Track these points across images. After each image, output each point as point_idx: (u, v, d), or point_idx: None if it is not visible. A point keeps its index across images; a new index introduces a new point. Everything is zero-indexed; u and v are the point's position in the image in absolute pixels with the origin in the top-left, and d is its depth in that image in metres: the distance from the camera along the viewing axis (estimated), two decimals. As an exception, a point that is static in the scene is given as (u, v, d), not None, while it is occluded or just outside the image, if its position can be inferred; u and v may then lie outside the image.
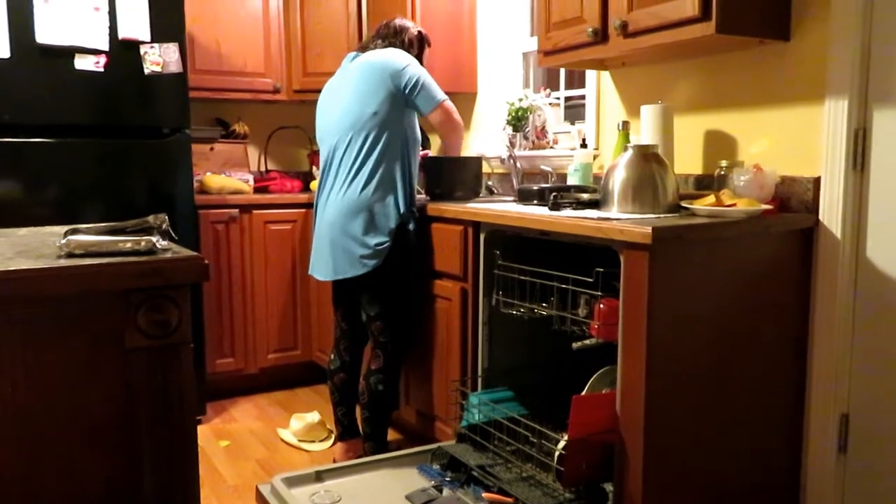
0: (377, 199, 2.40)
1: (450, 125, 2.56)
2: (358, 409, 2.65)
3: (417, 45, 2.64)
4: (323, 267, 2.53)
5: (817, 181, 2.03)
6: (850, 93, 1.94)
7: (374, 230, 2.40)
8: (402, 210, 2.43)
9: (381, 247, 2.40)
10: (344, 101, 2.50)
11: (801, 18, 2.06)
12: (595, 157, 2.75)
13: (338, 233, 2.44)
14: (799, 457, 2.11)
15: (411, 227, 2.50)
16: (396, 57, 2.49)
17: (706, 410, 1.88)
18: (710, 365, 1.88)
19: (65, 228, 1.50)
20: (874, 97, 1.94)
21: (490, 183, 3.30)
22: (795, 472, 2.12)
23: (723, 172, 2.16)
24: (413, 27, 2.64)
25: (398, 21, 2.65)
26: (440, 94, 2.51)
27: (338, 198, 2.45)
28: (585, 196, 2.19)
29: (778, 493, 2.09)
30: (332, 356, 2.70)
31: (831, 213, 2.00)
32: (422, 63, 2.61)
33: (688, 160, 2.42)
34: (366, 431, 2.56)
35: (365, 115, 2.43)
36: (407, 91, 2.45)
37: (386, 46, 2.58)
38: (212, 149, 3.72)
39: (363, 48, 2.62)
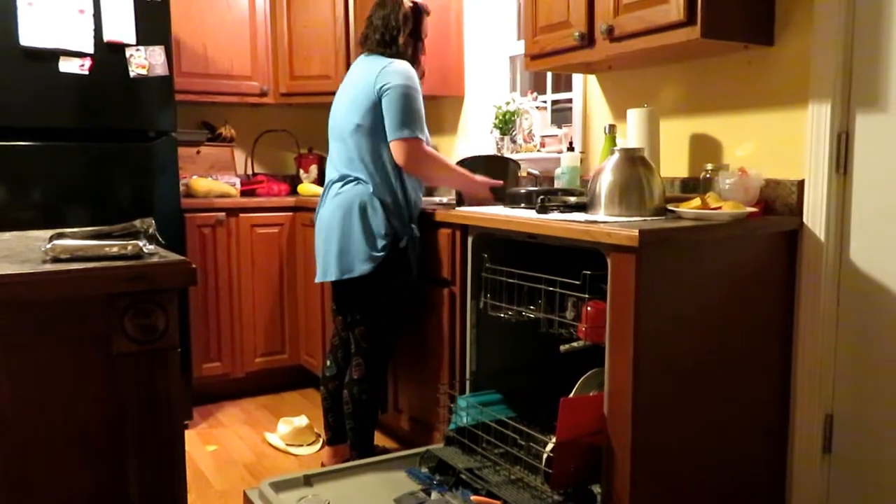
0: (369, 202, 2.36)
1: (409, 168, 2.37)
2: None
3: (413, 19, 2.47)
4: (319, 267, 2.50)
5: (801, 184, 2.05)
6: (833, 97, 1.96)
7: (366, 236, 2.35)
8: (397, 216, 2.38)
9: (377, 253, 2.35)
10: (344, 104, 2.47)
11: (785, 24, 2.08)
12: (582, 160, 2.76)
13: (334, 233, 2.40)
14: (784, 457, 2.13)
15: (414, 232, 2.44)
16: (391, 73, 2.36)
17: (693, 411, 1.90)
18: (697, 366, 1.89)
19: (50, 233, 1.49)
20: (857, 101, 1.96)
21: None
22: (781, 471, 2.13)
23: (708, 175, 2.18)
24: (406, 1, 2.48)
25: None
26: (411, 129, 2.32)
27: (333, 199, 2.42)
28: (573, 199, 2.20)
29: (763, 493, 2.11)
30: (329, 363, 2.65)
31: (815, 216, 2.02)
32: (420, 34, 2.49)
33: (674, 163, 2.44)
34: (352, 440, 2.54)
35: (353, 122, 2.39)
36: (381, 102, 2.35)
37: (379, 32, 2.45)
38: (198, 152, 3.71)
39: (365, 38, 2.52)
